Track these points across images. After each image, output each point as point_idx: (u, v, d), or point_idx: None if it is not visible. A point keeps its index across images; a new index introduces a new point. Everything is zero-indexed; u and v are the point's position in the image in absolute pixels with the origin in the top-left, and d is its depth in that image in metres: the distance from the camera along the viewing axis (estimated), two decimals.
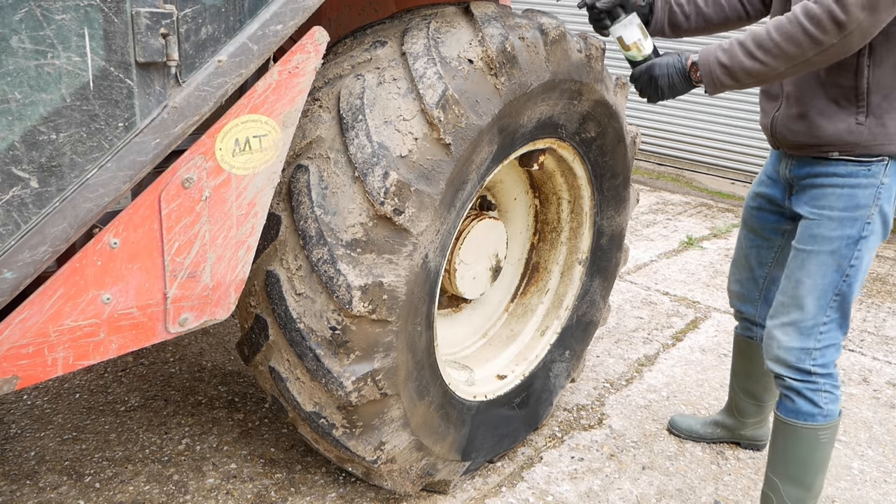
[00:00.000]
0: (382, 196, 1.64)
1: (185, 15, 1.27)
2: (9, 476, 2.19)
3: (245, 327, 1.90)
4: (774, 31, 1.59)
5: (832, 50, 1.54)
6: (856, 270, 1.82)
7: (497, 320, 2.61)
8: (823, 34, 1.52)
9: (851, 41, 1.52)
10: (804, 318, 1.85)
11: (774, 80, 1.69)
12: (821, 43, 1.53)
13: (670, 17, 2.04)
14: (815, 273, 1.83)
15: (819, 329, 1.85)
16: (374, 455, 1.91)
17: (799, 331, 1.86)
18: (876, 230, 1.81)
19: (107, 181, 1.25)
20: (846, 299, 1.85)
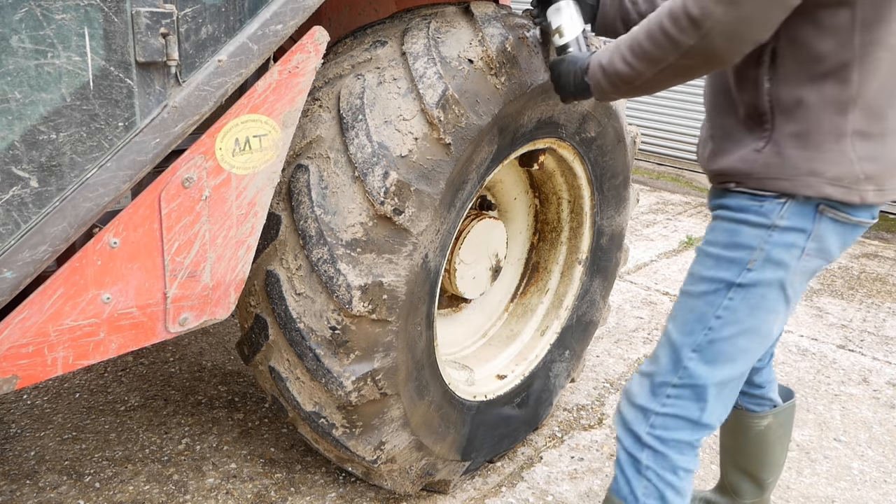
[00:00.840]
0: (382, 196, 1.64)
1: (185, 14, 1.27)
2: (9, 476, 2.19)
3: (245, 327, 1.90)
4: (642, 31, 1.33)
5: (694, 53, 1.24)
6: (723, 326, 1.41)
7: (497, 320, 2.61)
8: (680, 33, 1.23)
9: (713, 43, 1.21)
10: (656, 371, 1.49)
11: (650, 89, 1.39)
12: (678, 44, 1.25)
13: (622, 12, 1.80)
14: (678, 319, 1.48)
15: (666, 391, 1.47)
16: (374, 455, 1.91)
17: (648, 386, 1.50)
18: (761, 282, 1.39)
19: (107, 181, 1.25)
20: (707, 363, 1.43)
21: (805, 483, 2.45)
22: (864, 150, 1.32)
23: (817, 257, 1.40)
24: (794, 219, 1.37)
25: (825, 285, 4.27)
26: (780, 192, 1.36)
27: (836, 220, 1.37)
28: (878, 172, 1.33)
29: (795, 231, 1.37)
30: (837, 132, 1.30)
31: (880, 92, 1.30)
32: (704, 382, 1.44)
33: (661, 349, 1.50)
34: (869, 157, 1.32)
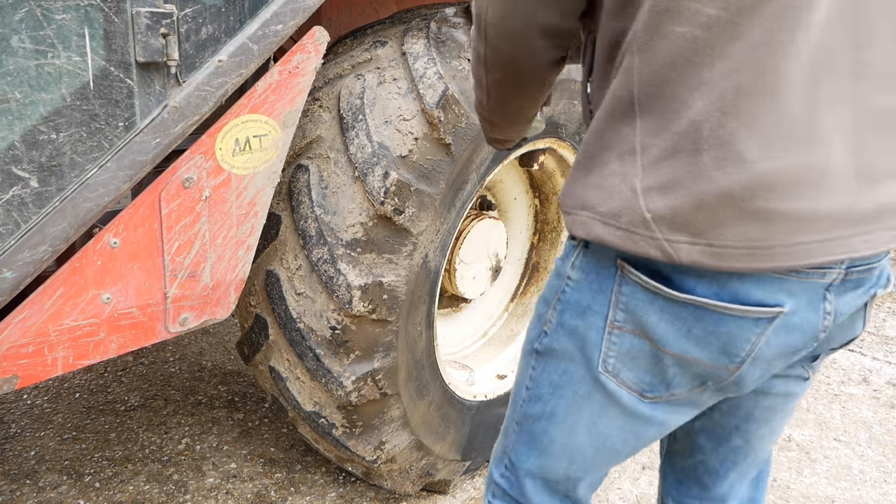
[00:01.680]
0: (382, 196, 1.64)
1: (185, 15, 1.27)
2: (9, 475, 2.19)
3: (245, 327, 1.90)
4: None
5: (490, 62, 1.00)
6: (530, 399, 1.07)
7: (497, 320, 2.61)
8: (474, 41, 1.02)
9: (494, 43, 0.97)
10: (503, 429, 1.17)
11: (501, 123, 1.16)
12: (478, 55, 1.02)
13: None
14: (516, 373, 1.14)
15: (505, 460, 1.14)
16: (374, 455, 1.91)
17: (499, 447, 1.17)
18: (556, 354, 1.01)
19: (107, 181, 1.25)
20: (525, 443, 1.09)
21: (805, 483, 2.45)
22: (653, 174, 0.83)
23: (639, 336, 0.93)
24: (588, 272, 0.96)
25: None
26: (571, 232, 0.96)
27: (649, 289, 0.89)
28: (681, 211, 0.82)
29: (590, 290, 0.96)
30: (621, 146, 0.87)
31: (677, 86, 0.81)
32: (519, 465, 1.11)
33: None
34: (661, 186, 0.83)
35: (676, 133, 0.82)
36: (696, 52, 0.79)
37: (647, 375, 0.95)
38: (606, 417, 1.01)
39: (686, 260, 0.83)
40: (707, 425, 1.14)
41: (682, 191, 0.81)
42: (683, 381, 0.95)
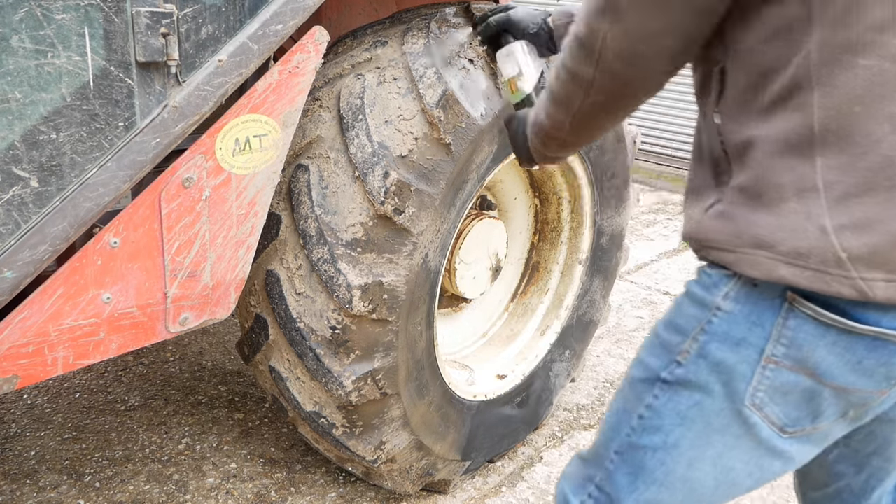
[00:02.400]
0: (382, 195, 1.64)
1: (185, 14, 1.27)
2: (9, 475, 2.19)
3: (245, 327, 1.90)
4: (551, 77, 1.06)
5: (598, 85, 0.97)
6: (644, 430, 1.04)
7: (497, 320, 2.61)
8: (577, 64, 0.97)
9: (612, 67, 0.93)
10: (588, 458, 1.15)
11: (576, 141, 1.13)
12: (580, 78, 0.98)
13: None
14: (614, 403, 1.12)
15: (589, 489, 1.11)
16: (374, 455, 1.91)
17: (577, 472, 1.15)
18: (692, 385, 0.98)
19: (107, 180, 1.25)
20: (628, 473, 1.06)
21: None
22: (843, 213, 0.83)
23: (796, 371, 0.92)
24: (745, 304, 0.94)
25: None
26: (727, 266, 0.95)
27: (822, 322, 0.88)
28: (880, 250, 0.82)
29: (746, 322, 0.93)
30: (798, 183, 0.85)
31: (864, 121, 0.81)
32: (621, 498, 1.06)
33: (598, 437, 1.14)
34: (855, 224, 0.82)
35: (867, 169, 0.81)
36: (884, 84, 0.79)
37: (794, 410, 0.95)
38: (737, 451, 0.99)
39: (882, 297, 0.84)
40: (844, 453, 1.15)
41: (881, 228, 0.82)
42: (832, 413, 0.95)
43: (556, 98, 1.06)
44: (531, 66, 1.47)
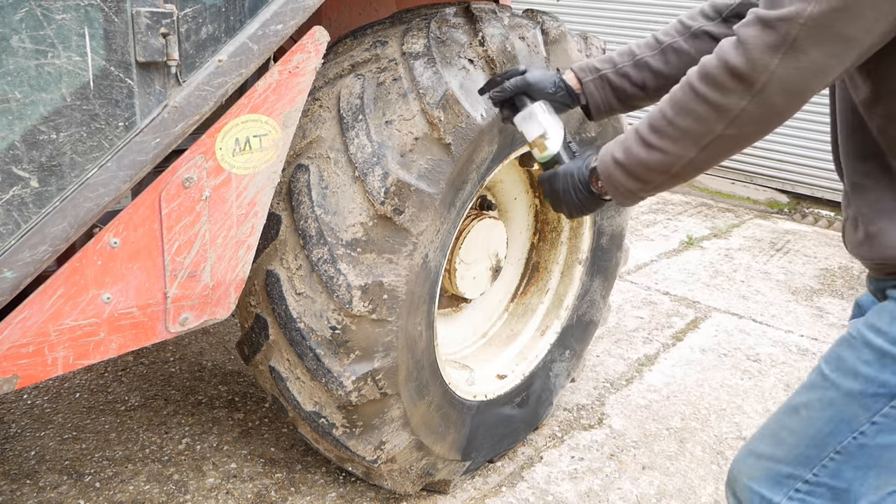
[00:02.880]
0: (382, 196, 1.64)
1: (185, 14, 1.27)
2: (9, 475, 2.19)
3: (245, 327, 1.90)
4: (668, 104, 1.11)
5: (746, 116, 1.02)
6: (879, 433, 1.13)
7: (497, 320, 2.61)
8: (724, 96, 1.02)
9: (771, 100, 1.00)
10: (780, 457, 1.23)
11: (692, 173, 1.17)
12: (726, 109, 1.03)
13: (616, 94, 1.51)
14: (816, 407, 1.20)
15: (795, 485, 1.21)
16: (374, 455, 1.91)
17: (768, 471, 1.24)
18: None
19: (107, 181, 1.25)
20: (858, 468, 1.17)
21: None
22: None
23: None
24: None
25: (825, 285, 4.27)
26: None
27: None
28: None
29: None
30: None
31: None
32: (849, 487, 1.17)
33: (784, 432, 1.23)
34: None
35: None
36: None
37: None
38: None
39: None
40: None
41: None
42: None
43: (680, 133, 1.09)
44: (554, 125, 1.48)
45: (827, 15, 0.94)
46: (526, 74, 1.51)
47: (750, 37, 0.98)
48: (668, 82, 1.42)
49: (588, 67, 1.51)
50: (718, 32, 1.41)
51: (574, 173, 1.32)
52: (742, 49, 0.99)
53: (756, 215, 5.62)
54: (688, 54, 1.44)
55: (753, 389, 3.04)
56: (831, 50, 0.96)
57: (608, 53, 1.52)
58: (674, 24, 1.47)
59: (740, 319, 3.72)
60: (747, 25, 1.00)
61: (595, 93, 1.51)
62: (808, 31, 0.95)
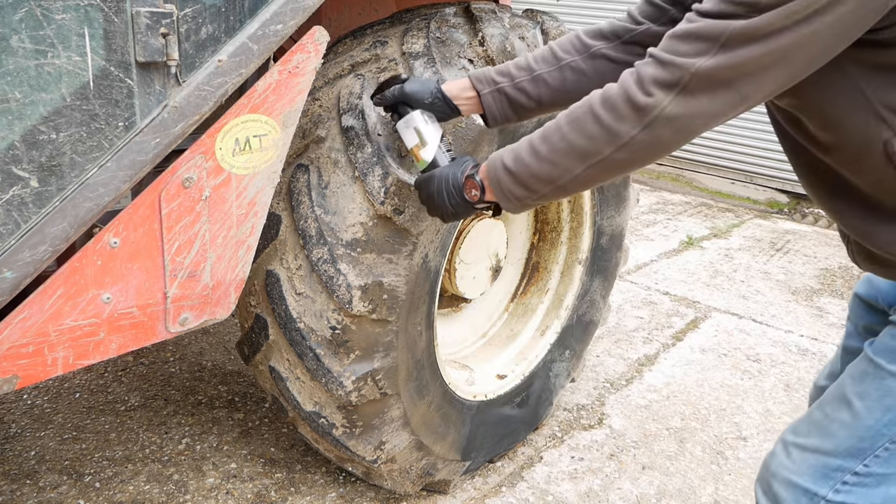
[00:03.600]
0: (382, 196, 1.64)
1: (185, 14, 1.27)
2: (9, 475, 2.19)
3: (245, 327, 1.90)
4: (565, 120, 1.16)
5: (635, 144, 1.08)
6: None
7: (497, 320, 2.61)
8: (618, 121, 1.08)
9: (659, 133, 1.06)
10: (828, 450, 1.24)
11: (579, 187, 1.21)
12: (617, 134, 1.08)
13: (512, 106, 1.53)
14: (871, 397, 1.21)
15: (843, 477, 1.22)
16: (374, 455, 1.91)
17: (814, 464, 1.24)
18: None
19: (107, 181, 1.25)
20: None
21: None
22: None
23: None
24: None
25: (825, 285, 4.27)
26: None
27: None
28: None
29: None
30: None
31: None
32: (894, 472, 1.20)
33: (835, 424, 1.23)
34: None
35: None
36: None
37: None
38: None
39: None
40: None
41: None
42: None
43: (571, 148, 1.14)
44: (431, 134, 1.53)
45: (717, 70, 1.01)
46: (405, 84, 1.55)
47: (648, 74, 1.05)
48: (564, 98, 1.48)
49: (486, 78, 1.53)
50: (616, 56, 1.46)
51: (449, 178, 1.37)
52: (640, 83, 1.06)
53: (756, 215, 5.62)
54: (585, 74, 1.47)
55: (753, 389, 3.04)
56: (720, 100, 1.03)
57: (506, 64, 1.53)
58: (572, 41, 1.50)
59: (740, 319, 3.72)
60: (647, 63, 1.07)
61: (492, 104, 1.53)
62: (699, 81, 1.02)
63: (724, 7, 1.00)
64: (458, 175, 1.37)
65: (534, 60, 1.50)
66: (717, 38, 1.00)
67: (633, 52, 1.44)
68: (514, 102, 1.52)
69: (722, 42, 1.00)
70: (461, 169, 1.37)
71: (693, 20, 1.03)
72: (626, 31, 1.46)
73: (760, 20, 0.97)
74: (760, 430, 2.74)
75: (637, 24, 1.44)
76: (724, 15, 1.00)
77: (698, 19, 1.03)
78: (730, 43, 0.99)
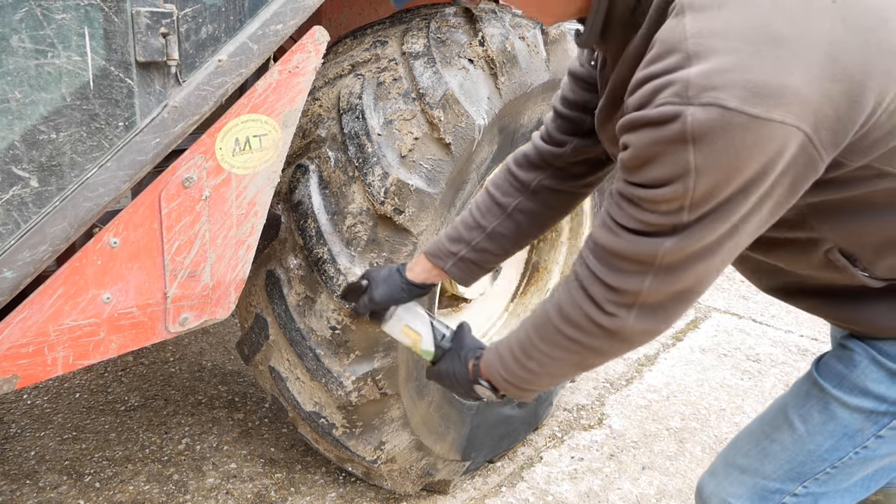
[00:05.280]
0: (382, 196, 1.64)
1: (185, 14, 1.27)
2: (9, 475, 2.19)
3: (245, 327, 1.90)
4: (536, 335, 1.15)
5: (615, 348, 1.08)
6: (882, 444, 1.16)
7: (497, 320, 2.61)
8: (589, 337, 1.07)
9: (635, 339, 1.05)
10: (767, 473, 1.22)
11: (567, 377, 1.22)
12: (591, 347, 1.09)
13: (479, 265, 1.54)
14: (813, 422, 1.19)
15: (782, 499, 1.21)
16: (374, 455, 1.91)
17: (752, 486, 1.23)
18: None
19: (107, 180, 1.25)
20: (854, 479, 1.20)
21: None
22: None
23: None
24: None
25: None
26: None
27: None
28: None
29: None
30: None
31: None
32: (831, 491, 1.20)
33: (776, 446, 1.22)
34: None
35: None
36: None
37: None
38: None
39: None
40: None
41: None
42: None
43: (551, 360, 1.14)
44: (421, 327, 1.52)
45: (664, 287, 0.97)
46: (371, 290, 1.53)
47: (600, 296, 1.02)
48: (524, 238, 1.49)
49: (443, 253, 1.52)
50: (556, 185, 1.42)
51: (455, 373, 1.37)
52: (596, 304, 1.03)
53: None
54: (534, 211, 1.45)
55: (753, 389, 3.04)
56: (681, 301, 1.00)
57: (454, 228, 1.51)
58: (509, 181, 1.46)
59: (740, 319, 3.72)
60: (591, 280, 1.03)
61: (458, 273, 1.53)
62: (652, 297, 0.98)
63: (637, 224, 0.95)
64: (466, 375, 1.35)
65: (480, 216, 1.48)
66: (650, 262, 0.95)
67: (570, 173, 1.42)
68: (478, 262, 1.52)
69: (656, 265, 0.95)
70: (463, 362, 1.36)
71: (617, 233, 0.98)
72: (554, 157, 1.41)
73: (690, 238, 0.91)
74: None
75: (560, 147, 1.39)
76: (644, 232, 0.95)
77: (623, 234, 0.97)
78: (664, 266, 0.95)
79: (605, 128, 1.17)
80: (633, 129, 0.89)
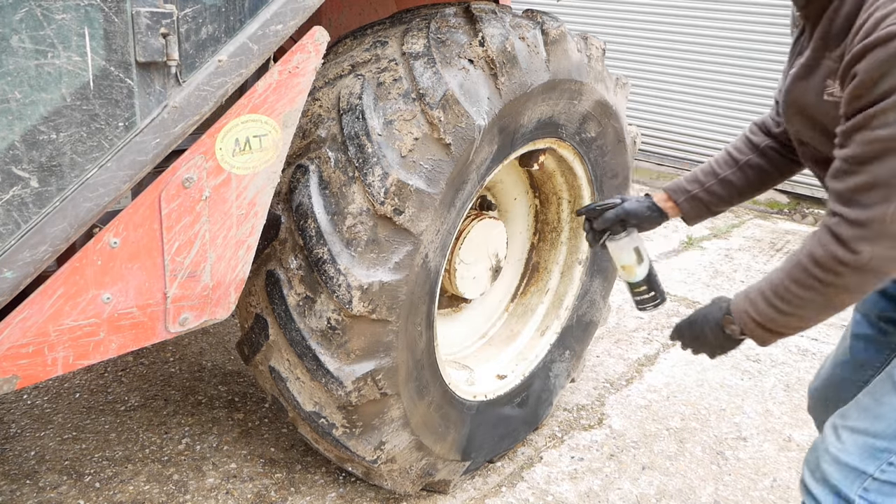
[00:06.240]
0: (382, 196, 1.64)
1: (185, 14, 1.27)
2: (9, 475, 2.19)
3: (245, 327, 1.90)
4: (788, 278, 1.29)
5: (855, 284, 1.21)
6: None
7: (497, 320, 2.61)
8: (838, 277, 1.21)
9: (881, 267, 1.18)
10: (877, 431, 1.33)
11: (813, 322, 1.33)
12: (839, 286, 1.22)
13: (707, 207, 1.76)
14: None
15: (890, 458, 1.31)
16: (374, 455, 1.91)
17: (862, 444, 1.33)
18: None
19: (107, 181, 1.25)
20: None
21: None
22: None
23: None
24: None
25: None
26: None
27: None
28: None
29: None
30: None
31: None
32: None
33: (885, 408, 1.33)
34: None
35: None
36: None
37: None
38: None
39: None
40: None
41: None
42: None
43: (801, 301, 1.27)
44: (644, 254, 1.76)
45: None
46: (624, 204, 1.79)
47: (848, 235, 1.17)
48: (750, 190, 1.74)
49: (679, 189, 1.79)
50: (779, 150, 1.69)
51: (707, 320, 1.48)
52: (845, 245, 1.18)
53: (756, 215, 5.62)
54: (762, 168, 1.70)
55: (753, 389, 3.04)
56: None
57: (693, 172, 1.79)
58: (743, 141, 1.74)
59: None
60: (840, 224, 1.19)
61: (690, 210, 1.78)
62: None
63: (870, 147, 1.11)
64: (716, 316, 1.46)
65: (716, 164, 1.75)
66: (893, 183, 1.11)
67: (789, 146, 1.65)
68: (708, 203, 1.76)
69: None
70: (717, 307, 1.48)
71: (853, 171, 1.15)
72: (775, 129, 1.69)
73: None
74: (760, 431, 2.74)
75: (778, 126, 1.67)
76: (877, 154, 1.11)
77: (859, 168, 1.14)
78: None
79: (799, 85, 1.34)
80: (860, 56, 1.09)
